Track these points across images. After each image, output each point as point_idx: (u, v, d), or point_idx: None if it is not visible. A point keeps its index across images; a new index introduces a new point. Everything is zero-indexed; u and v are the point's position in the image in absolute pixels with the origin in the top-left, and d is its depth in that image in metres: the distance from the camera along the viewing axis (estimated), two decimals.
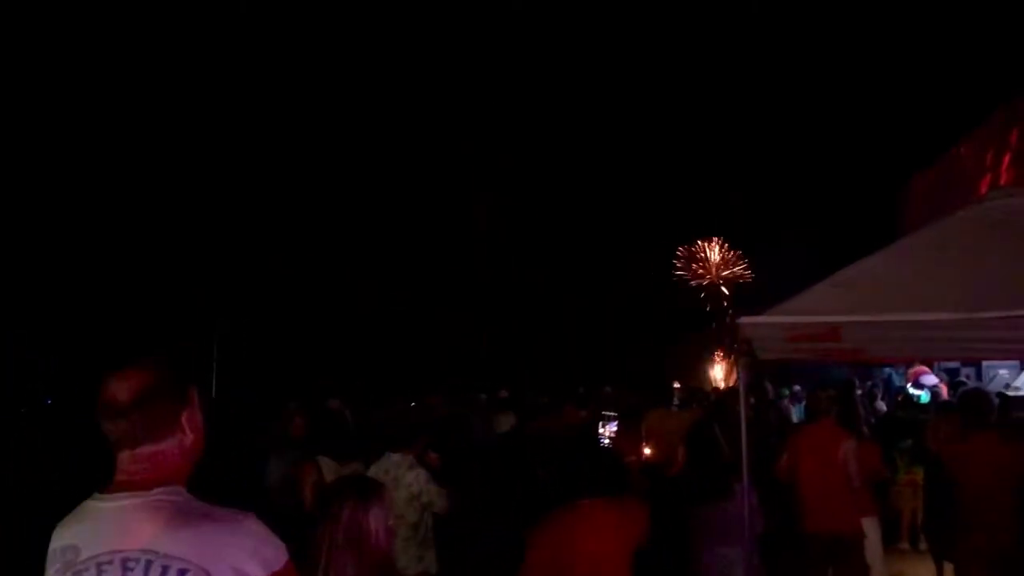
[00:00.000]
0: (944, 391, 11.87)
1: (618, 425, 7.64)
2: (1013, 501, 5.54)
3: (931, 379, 12.85)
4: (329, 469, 5.39)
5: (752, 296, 29.36)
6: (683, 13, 30.47)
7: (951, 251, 4.56)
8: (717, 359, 35.37)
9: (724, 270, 33.56)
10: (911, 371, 12.89)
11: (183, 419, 1.96)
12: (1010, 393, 11.52)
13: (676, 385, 10.82)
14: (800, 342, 4.37)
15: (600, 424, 8.22)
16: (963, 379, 11.37)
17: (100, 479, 1.96)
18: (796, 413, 11.39)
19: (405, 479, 5.07)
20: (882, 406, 11.57)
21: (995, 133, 15.20)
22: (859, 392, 10.43)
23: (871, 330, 4.21)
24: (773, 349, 4.48)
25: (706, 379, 32.17)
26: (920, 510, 8.65)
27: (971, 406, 6.02)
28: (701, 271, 33.64)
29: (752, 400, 11.85)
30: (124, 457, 1.90)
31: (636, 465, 6.61)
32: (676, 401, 10.70)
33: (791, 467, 6.03)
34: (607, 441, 7.54)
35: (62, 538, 1.91)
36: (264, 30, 27.05)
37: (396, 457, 5.18)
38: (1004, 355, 8.19)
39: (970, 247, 4.53)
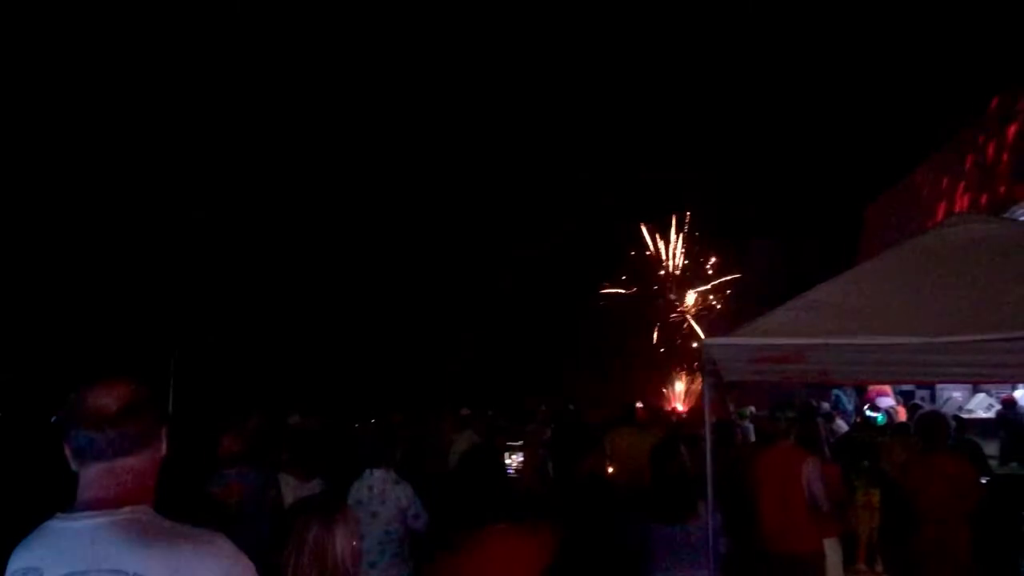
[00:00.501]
0: (901, 413, 12.06)
1: (583, 443, 7.59)
2: (968, 521, 5.65)
3: (888, 400, 13.05)
4: (290, 486, 5.30)
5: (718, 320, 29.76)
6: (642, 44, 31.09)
7: (913, 276, 4.62)
8: (677, 379, 35.71)
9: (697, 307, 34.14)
10: (869, 392, 13.08)
11: (163, 432, 1.93)
12: (963, 415, 11.76)
13: (639, 405, 10.80)
14: (765, 364, 4.41)
15: (506, 454, 8.09)
16: (918, 401, 11.55)
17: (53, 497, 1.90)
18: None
19: (393, 493, 5.05)
20: (841, 426, 11.70)
21: (950, 160, 15.54)
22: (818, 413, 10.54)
23: (836, 353, 4.26)
24: (738, 370, 4.51)
25: (665, 398, 32.45)
26: (877, 531, 8.77)
27: (929, 429, 6.12)
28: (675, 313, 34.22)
29: (714, 419, 12.00)
30: (95, 472, 1.84)
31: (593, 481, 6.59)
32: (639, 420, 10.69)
33: (752, 488, 6.04)
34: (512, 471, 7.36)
35: (22, 560, 1.83)
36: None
37: (379, 473, 5.15)
38: (966, 379, 8.34)
39: (931, 272, 4.59)
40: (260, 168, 27.22)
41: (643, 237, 34.80)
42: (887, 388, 12.80)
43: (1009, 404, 11.42)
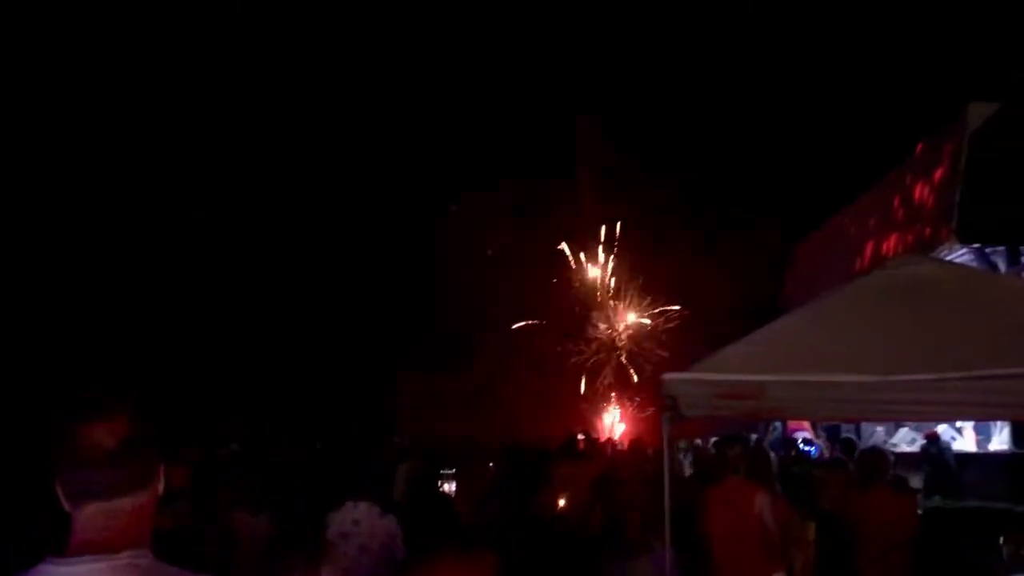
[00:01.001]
0: (825, 446, 12.36)
1: (533, 477, 7.57)
2: (908, 553, 5.78)
3: (804, 434, 13.37)
4: (243, 522, 5.12)
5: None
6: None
7: (865, 314, 4.76)
8: (607, 409, 35.93)
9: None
10: (788, 425, 13.34)
11: (161, 470, 1.82)
12: (887, 449, 12.07)
13: (580, 437, 10.82)
14: (724, 399, 4.46)
15: (439, 481, 8.01)
16: (848, 436, 11.81)
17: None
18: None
19: (380, 526, 4.93)
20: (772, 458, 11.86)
21: (878, 201, 16.09)
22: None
23: (794, 390, 4.35)
24: (697, 405, 4.56)
25: (593, 428, 32.57)
26: (811, 566, 8.89)
27: (869, 464, 6.27)
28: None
29: (650, 452, 12.09)
30: (91, 513, 1.71)
31: (549, 515, 6.56)
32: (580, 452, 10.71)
33: (703, 522, 6.09)
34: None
35: None
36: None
37: (363, 506, 5.02)
38: (915, 416, 8.56)
39: (882, 311, 4.74)
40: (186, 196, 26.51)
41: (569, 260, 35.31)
42: (805, 423, 13.10)
43: (932, 439, 11.73)
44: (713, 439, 13.81)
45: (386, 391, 30.39)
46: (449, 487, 8.25)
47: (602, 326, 35.57)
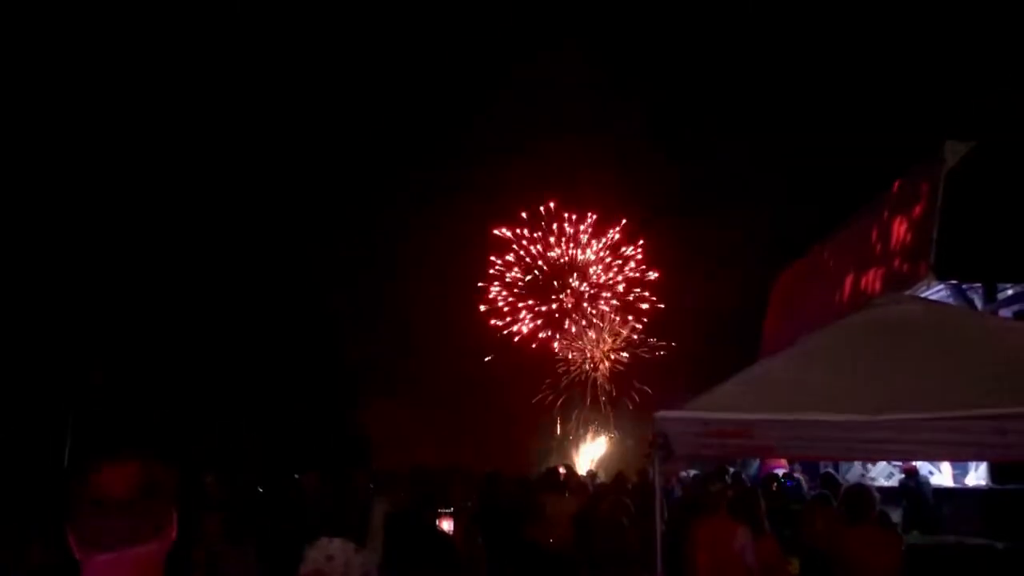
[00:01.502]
0: (804, 480, 12.42)
1: (519, 510, 7.54)
2: None
3: (780, 470, 13.43)
4: (227, 553, 5.08)
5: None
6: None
7: (851, 354, 4.81)
8: (585, 441, 35.92)
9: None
10: (766, 461, 13.41)
11: (174, 517, 1.82)
12: (865, 483, 12.14)
13: (562, 470, 10.78)
14: (713, 438, 4.50)
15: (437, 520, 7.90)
16: (828, 471, 11.86)
17: None
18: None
19: (356, 561, 4.89)
20: None
21: (856, 236, 16.29)
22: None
23: (781, 429, 4.39)
24: (688, 444, 4.59)
25: (571, 461, 32.45)
26: None
27: (855, 502, 6.30)
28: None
29: (629, 486, 12.08)
30: (103, 563, 1.71)
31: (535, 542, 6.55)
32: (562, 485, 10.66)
33: (688, 557, 6.09)
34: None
35: None
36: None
37: (339, 542, 4.98)
38: (901, 456, 8.65)
39: (867, 351, 4.79)
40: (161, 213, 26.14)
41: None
42: (782, 460, 13.20)
43: (911, 474, 11.81)
44: (693, 472, 13.89)
45: (351, 418, 30.19)
46: (448, 526, 8.13)
47: (574, 354, 35.68)
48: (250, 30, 29.46)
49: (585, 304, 35.76)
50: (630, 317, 35.11)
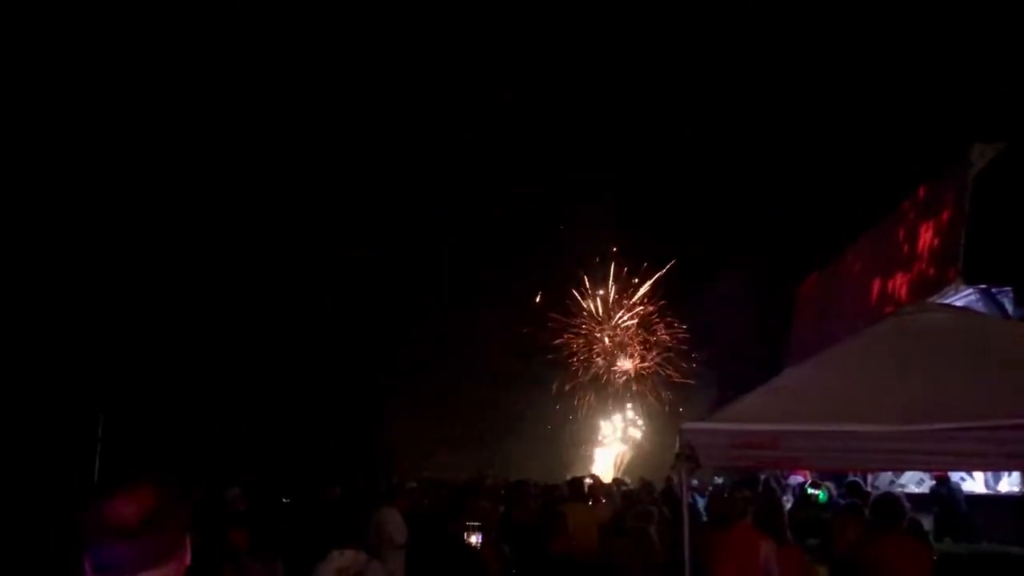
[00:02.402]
0: (827, 488, 12.30)
1: (546, 521, 7.51)
2: None
3: (797, 478, 13.32)
4: (256, 571, 5.10)
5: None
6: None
7: (877, 363, 4.76)
8: (600, 446, 35.82)
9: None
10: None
11: (187, 542, 1.82)
12: (895, 490, 12.01)
13: (588, 480, 10.74)
14: (740, 449, 4.46)
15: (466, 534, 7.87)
16: (855, 479, 11.73)
17: None
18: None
19: (368, 573, 4.92)
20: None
21: (882, 242, 16.16)
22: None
23: (809, 440, 4.34)
24: (715, 456, 4.56)
25: (587, 470, 32.33)
26: None
27: (884, 511, 6.23)
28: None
29: (656, 494, 12.02)
30: None
31: (562, 555, 6.52)
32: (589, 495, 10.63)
33: (711, 569, 6.05)
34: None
35: None
36: None
37: (350, 553, 5.01)
38: (932, 467, 8.56)
39: (894, 360, 4.74)
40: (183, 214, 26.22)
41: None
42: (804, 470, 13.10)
43: (942, 481, 11.69)
44: (719, 479, 13.80)
45: (374, 428, 30.22)
46: (476, 539, 8.10)
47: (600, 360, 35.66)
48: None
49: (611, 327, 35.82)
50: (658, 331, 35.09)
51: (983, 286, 12.41)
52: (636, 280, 35.08)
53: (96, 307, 21.60)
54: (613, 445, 35.77)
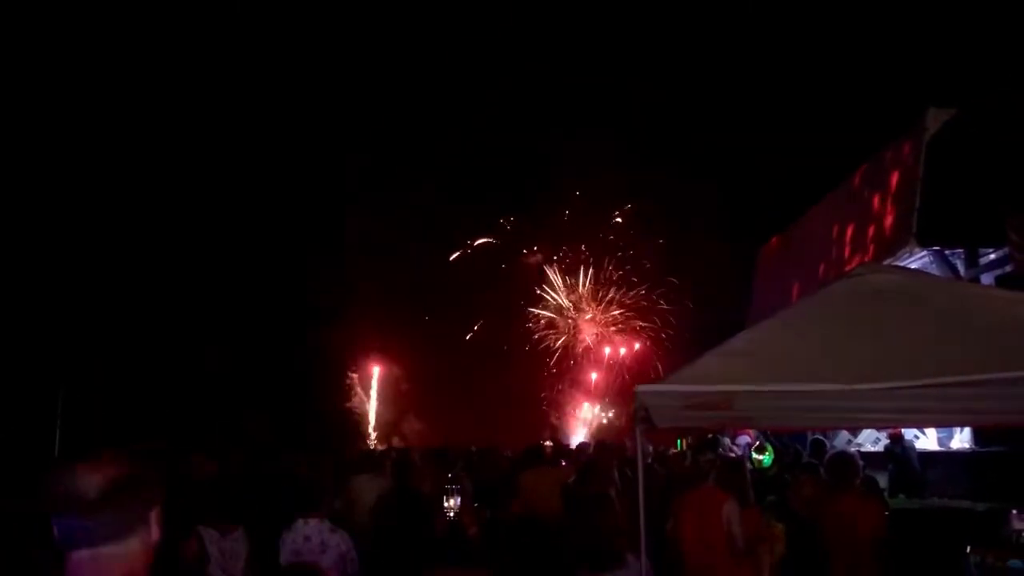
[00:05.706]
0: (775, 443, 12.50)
1: (504, 486, 7.56)
2: (878, 555, 5.88)
3: (744, 439, 13.54)
4: (211, 539, 5.06)
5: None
6: None
7: (829, 324, 4.81)
8: (571, 414, 36.19)
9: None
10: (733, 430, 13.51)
11: (152, 516, 1.79)
12: (851, 449, 12.25)
13: (548, 443, 10.81)
14: (694, 410, 4.50)
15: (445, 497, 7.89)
16: (818, 437, 11.94)
17: None
18: None
19: (333, 541, 4.92)
20: None
21: (839, 206, 16.33)
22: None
23: (760, 400, 4.40)
24: (669, 417, 4.60)
25: (562, 432, 32.71)
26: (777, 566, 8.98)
27: (838, 469, 6.38)
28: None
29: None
30: (81, 559, 1.69)
31: (511, 522, 6.56)
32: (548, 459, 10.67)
33: (675, 529, 6.15)
34: (452, 514, 7.10)
35: None
36: None
37: (314, 522, 5.01)
38: (882, 424, 8.71)
39: (846, 320, 4.80)
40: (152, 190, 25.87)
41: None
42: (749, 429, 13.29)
43: (896, 439, 11.93)
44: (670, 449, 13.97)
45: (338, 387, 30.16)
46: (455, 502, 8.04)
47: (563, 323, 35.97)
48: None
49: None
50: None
51: (936, 248, 12.62)
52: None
53: (51, 275, 21.21)
54: (587, 412, 36.22)
